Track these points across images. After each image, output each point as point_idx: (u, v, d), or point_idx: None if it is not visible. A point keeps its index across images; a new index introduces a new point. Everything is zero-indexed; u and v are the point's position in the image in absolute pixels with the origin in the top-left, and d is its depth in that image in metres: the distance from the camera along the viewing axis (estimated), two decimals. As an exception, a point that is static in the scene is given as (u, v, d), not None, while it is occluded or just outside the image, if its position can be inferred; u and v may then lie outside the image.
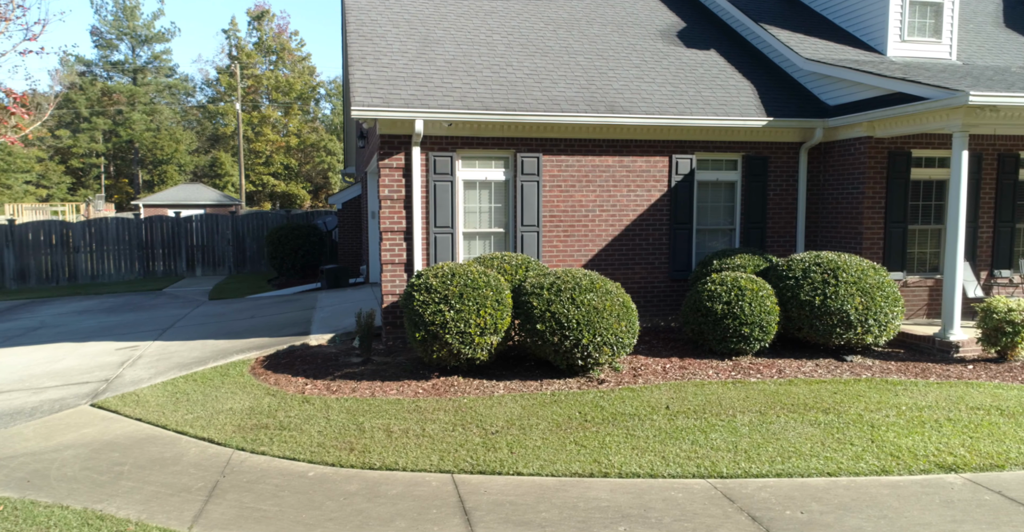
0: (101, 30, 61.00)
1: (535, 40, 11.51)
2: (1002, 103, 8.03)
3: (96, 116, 60.68)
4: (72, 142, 59.33)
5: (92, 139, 60.45)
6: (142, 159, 62.37)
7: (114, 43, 61.28)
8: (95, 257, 21.29)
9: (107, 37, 60.97)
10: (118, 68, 62.01)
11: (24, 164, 54.38)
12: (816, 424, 6.09)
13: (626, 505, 4.64)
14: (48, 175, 58.11)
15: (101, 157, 62.46)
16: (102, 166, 63.63)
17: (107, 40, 61.07)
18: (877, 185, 9.92)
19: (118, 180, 64.61)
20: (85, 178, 63.26)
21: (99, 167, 63.25)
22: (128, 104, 60.37)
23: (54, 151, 60.68)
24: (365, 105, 8.80)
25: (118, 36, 61.35)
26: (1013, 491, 4.75)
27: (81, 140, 59.30)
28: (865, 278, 8.28)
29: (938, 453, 5.37)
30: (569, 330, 7.47)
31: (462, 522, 4.43)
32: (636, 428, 6.09)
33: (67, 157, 60.62)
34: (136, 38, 61.99)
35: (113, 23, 60.81)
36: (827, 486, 4.89)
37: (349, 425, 6.29)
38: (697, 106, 10.17)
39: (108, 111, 60.78)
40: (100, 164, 63.15)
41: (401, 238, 9.39)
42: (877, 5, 11.39)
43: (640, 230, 10.28)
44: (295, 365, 8.58)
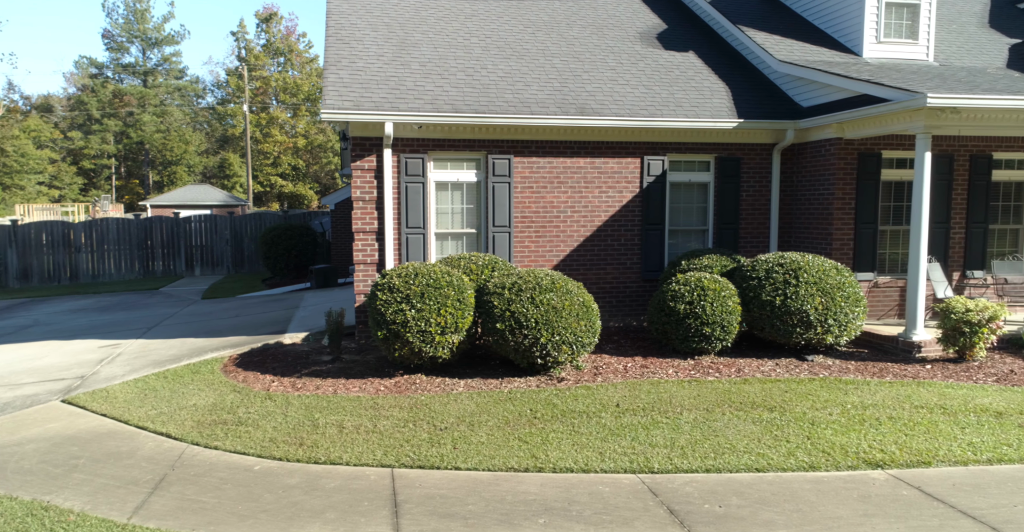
0: (112, 33, 61.80)
1: (512, 43, 11.65)
2: (962, 105, 8.08)
3: (107, 118, 61.50)
4: (84, 143, 60.18)
5: (103, 140, 61.26)
6: (152, 160, 63.13)
7: (125, 46, 62.09)
8: (96, 257, 21.65)
9: (118, 40, 61.78)
10: (129, 70, 62.81)
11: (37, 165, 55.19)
12: (758, 422, 6.19)
13: (552, 498, 4.78)
14: (60, 176, 58.94)
15: (112, 158, 63.28)
16: (113, 167, 64.45)
17: (118, 43, 61.90)
18: (847, 186, 9.98)
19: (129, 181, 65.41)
20: (97, 179, 64.13)
21: (110, 168, 64.08)
22: (139, 106, 61.13)
23: (66, 152, 61.57)
24: (336, 108, 8.98)
25: (129, 39, 62.14)
26: (932, 487, 4.84)
27: (93, 141, 60.12)
28: (826, 279, 8.35)
29: (869, 450, 5.46)
30: (528, 329, 7.61)
31: (389, 514, 4.58)
32: (582, 425, 6.22)
33: (79, 158, 61.48)
34: (147, 41, 62.75)
35: (124, 26, 61.59)
36: (752, 481, 5.00)
37: (304, 421, 6.47)
38: (669, 108, 10.27)
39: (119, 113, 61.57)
40: (111, 165, 63.97)
41: (373, 238, 9.56)
42: (853, 7, 11.44)
43: (612, 231, 10.39)
44: (266, 363, 8.78)
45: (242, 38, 62.67)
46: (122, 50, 63.02)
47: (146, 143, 61.78)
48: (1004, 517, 4.38)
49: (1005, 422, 6.04)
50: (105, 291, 18.61)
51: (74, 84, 66.85)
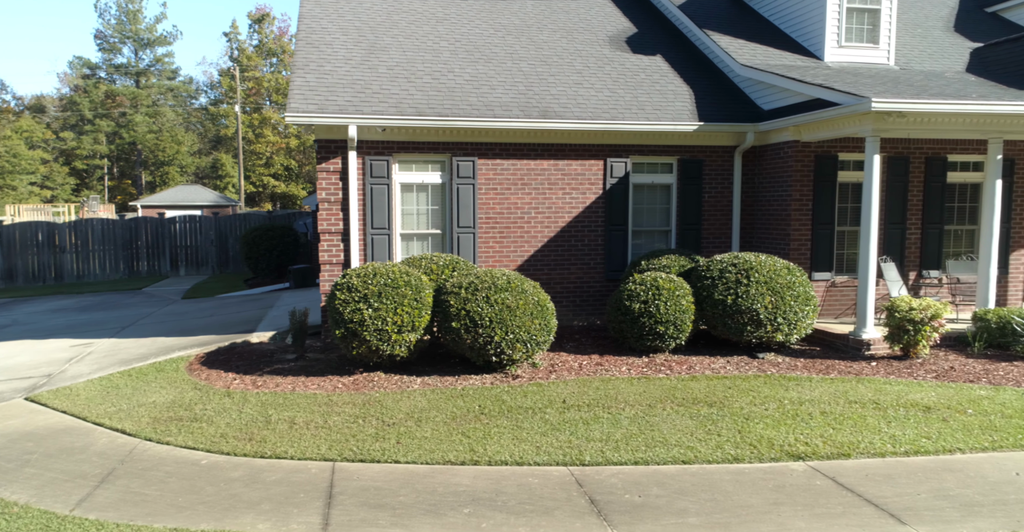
0: (105, 33, 61.86)
1: (482, 46, 11.84)
2: (908, 109, 8.30)
3: (100, 118, 61.55)
4: (76, 144, 60.25)
5: (96, 141, 61.32)
6: (144, 161, 63.18)
7: (118, 46, 62.14)
8: (81, 257, 21.78)
9: (111, 40, 61.84)
10: (121, 71, 62.85)
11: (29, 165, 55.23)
12: (696, 417, 6.39)
13: (482, 490, 4.97)
14: (52, 176, 58.99)
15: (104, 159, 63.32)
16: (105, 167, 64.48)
17: (111, 43, 61.95)
18: (804, 188, 10.20)
19: (121, 181, 65.48)
20: (89, 179, 64.18)
21: (102, 168, 64.13)
22: (131, 106, 61.21)
23: (59, 153, 61.61)
24: (300, 111, 9.17)
25: (121, 39, 62.19)
26: (846, 477, 5.05)
27: (85, 142, 60.19)
28: (776, 278, 8.56)
29: (794, 443, 5.67)
30: (483, 328, 7.81)
31: (322, 505, 4.77)
32: (526, 420, 6.41)
33: (71, 159, 61.55)
34: (139, 41, 62.79)
35: (116, 27, 61.65)
36: (677, 473, 5.20)
37: (258, 417, 6.65)
38: (631, 111, 10.47)
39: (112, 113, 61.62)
40: (103, 165, 64.02)
41: (339, 239, 9.75)
42: (815, 11, 11.66)
43: (576, 231, 10.60)
44: (231, 361, 8.96)
45: (235, 39, 62.78)
46: (115, 51, 63.06)
47: (138, 143, 61.85)
48: (905, 505, 4.58)
49: (931, 416, 6.26)
50: (88, 291, 18.74)
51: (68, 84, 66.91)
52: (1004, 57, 11.82)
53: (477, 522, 4.47)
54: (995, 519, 4.36)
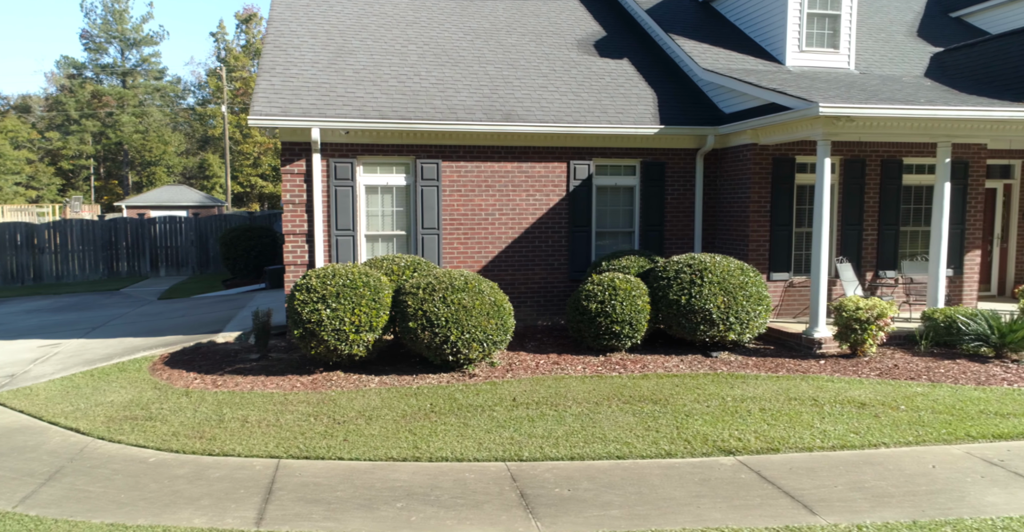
0: (91, 33, 61.61)
1: (450, 50, 11.99)
2: (856, 114, 8.50)
3: (86, 118, 61.28)
4: (62, 144, 59.97)
5: (82, 141, 61.06)
6: (131, 161, 62.95)
7: (104, 46, 61.88)
8: (60, 258, 21.77)
9: (97, 40, 61.59)
10: (107, 71, 62.60)
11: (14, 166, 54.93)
12: (639, 414, 6.57)
13: (418, 485, 5.12)
14: (38, 176, 58.69)
15: (91, 159, 63.05)
16: (92, 168, 64.21)
17: (97, 43, 61.69)
18: (762, 190, 10.40)
19: (108, 181, 65.20)
20: (75, 180, 63.89)
21: (89, 169, 63.85)
22: (118, 106, 60.97)
23: (44, 153, 61.30)
24: (263, 114, 9.29)
25: (107, 39, 61.93)
26: (770, 471, 5.23)
27: (71, 142, 59.93)
28: (729, 279, 8.76)
29: (728, 438, 5.85)
30: (439, 328, 7.96)
31: (260, 500, 4.90)
32: (473, 418, 6.57)
33: (57, 159, 61.26)
34: (125, 41, 62.56)
35: (102, 26, 61.40)
36: (609, 468, 5.37)
37: (212, 416, 6.77)
38: (594, 114, 10.65)
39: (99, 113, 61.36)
40: (90, 166, 63.74)
41: (303, 240, 9.87)
42: (776, 17, 11.88)
43: (539, 233, 10.76)
44: (195, 361, 9.07)
45: (222, 39, 62.66)
46: (101, 50, 62.81)
47: (125, 144, 61.63)
48: (820, 496, 4.77)
49: (864, 412, 6.45)
50: (66, 292, 18.76)
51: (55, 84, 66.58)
52: (962, 62, 12.08)
53: (407, 516, 4.62)
54: (902, 509, 4.55)
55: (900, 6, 15.53)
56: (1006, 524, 4.26)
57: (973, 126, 9.13)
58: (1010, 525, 4.24)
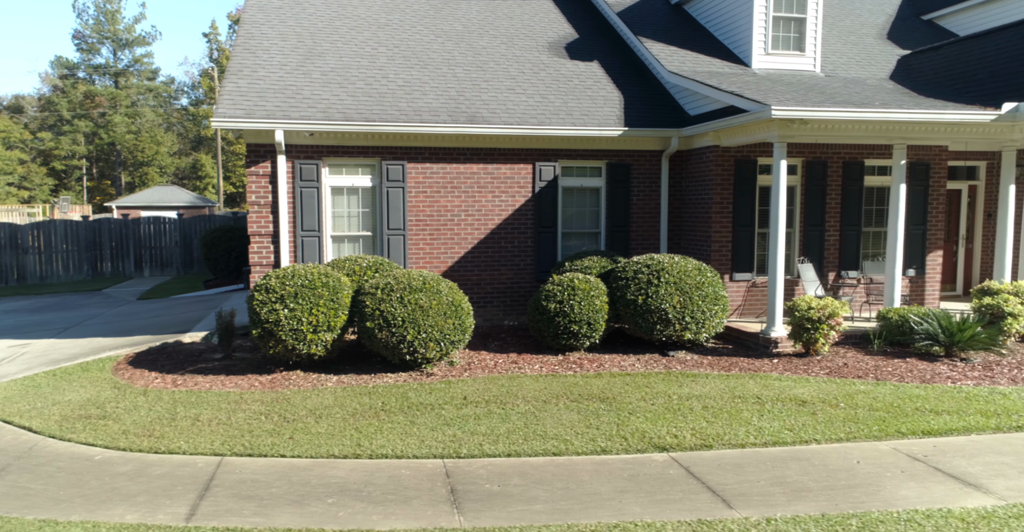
0: (83, 34, 61.60)
1: (420, 52, 12.09)
2: (809, 116, 8.63)
3: (78, 119, 61.26)
4: (54, 144, 59.96)
5: (74, 141, 61.06)
6: (124, 161, 62.96)
7: (96, 47, 61.89)
8: (44, 258, 21.82)
9: (89, 41, 61.59)
10: (100, 71, 62.61)
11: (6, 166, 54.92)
12: (584, 412, 6.68)
13: (354, 481, 5.23)
14: (30, 177, 58.67)
15: (83, 159, 63.04)
16: (84, 168, 64.19)
17: (89, 44, 61.69)
18: (725, 191, 10.52)
19: (101, 182, 65.17)
20: (67, 180, 63.87)
21: (81, 169, 63.85)
22: (110, 107, 60.96)
23: (37, 153, 61.27)
24: (227, 117, 9.38)
25: (99, 40, 61.93)
26: (699, 467, 5.35)
27: (63, 142, 59.92)
28: (685, 279, 8.88)
29: (665, 436, 5.96)
30: (395, 327, 8.06)
31: (195, 497, 5.00)
32: (421, 416, 6.68)
33: (49, 159, 61.24)
34: (117, 42, 62.55)
35: (95, 27, 61.40)
36: (543, 464, 5.48)
37: (165, 415, 6.87)
38: (559, 116, 10.76)
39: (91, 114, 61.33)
40: (82, 166, 63.73)
41: (269, 241, 9.97)
42: (743, 19, 12.00)
43: (506, 233, 10.87)
44: (158, 361, 9.16)
45: (214, 39, 62.65)
46: (93, 51, 62.80)
47: (117, 144, 61.62)
48: (741, 491, 4.88)
49: (803, 410, 6.58)
50: (48, 292, 18.82)
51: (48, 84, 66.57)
52: (926, 65, 12.23)
53: (336, 511, 4.73)
54: (816, 503, 4.67)
55: (872, 9, 15.68)
56: (910, 516, 4.38)
57: (927, 128, 9.26)
58: (913, 517, 4.37)
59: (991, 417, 6.26)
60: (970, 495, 4.73)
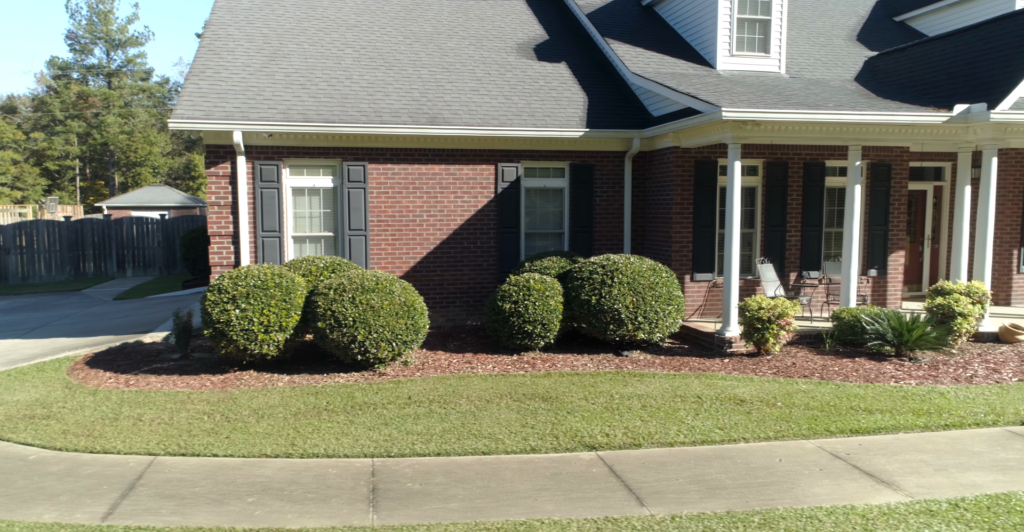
0: (76, 34, 61.59)
1: (387, 53, 12.14)
2: (761, 118, 8.68)
3: (71, 119, 61.24)
4: (47, 144, 59.95)
5: (67, 142, 61.05)
6: (117, 162, 62.94)
7: (89, 47, 61.87)
8: (26, 258, 21.87)
9: (82, 41, 61.57)
10: (93, 72, 62.57)
11: (-1, 166, 54.93)
12: (523, 411, 6.73)
13: (279, 480, 5.27)
14: (23, 177, 58.66)
15: (76, 159, 63.04)
16: (77, 168, 64.19)
17: (83, 44, 61.67)
18: (685, 192, 10.58)
19: (94, 182, 65.16)
20: (60, 180, 63.86)
21: (74, 169, 63.85)
22: (103, 107, 60.95)
23: (30, 153, 61.26)
24: (185, 118, 9.42)
25: (92, 40, 61.92)
26: (623, 465, 5.39)
27: (56, 143, 59.91)
28: (639, 279, 8.93)
29: (597, 434, 6.01)
30: (346, 327, 8.11)
31: (119, 496, 5.04)
32: (362, 416, 6.72)
33: (42, 159, 61.21)
34: (110, 42, 62.52)
35: (87, 27, 61.38)
36: (471, 463, 5.53)
37: (109, 414, 6.91)
38: (521, 117, 10.81)
39: (84, 114, 61.31)
40: (75, 166, 63.73)
41: (229, 242, 10.01)
42: (708, 21, 12.06)
43: (468, 234, 10.92)
44: (116, 361, 9.20)
45: (207, 39, 62.47)
46: (86, 51, 62.77)
47: (111, 144, 61.60)
48: (657, 489, 4.93)
49: (739, 409, 6.63)
50: (28, 292, 18.83)
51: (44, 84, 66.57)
52: (891, 66, 12.29)
53: (253, 510, 4.77)
54: (728, 500, 4.71)
55: (845, 10, 15.74)
56: (813, 513, 4.43)
57: (881, 130, 9.32)
58: (816, 514, 4.41)
59: (922, 416, 6.31)
60: (880, 492, 4.78)
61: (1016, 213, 11.99)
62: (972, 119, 9.15)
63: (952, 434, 5.92)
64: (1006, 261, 12.01)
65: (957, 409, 6.51)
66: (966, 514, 4.36)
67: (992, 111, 8.90)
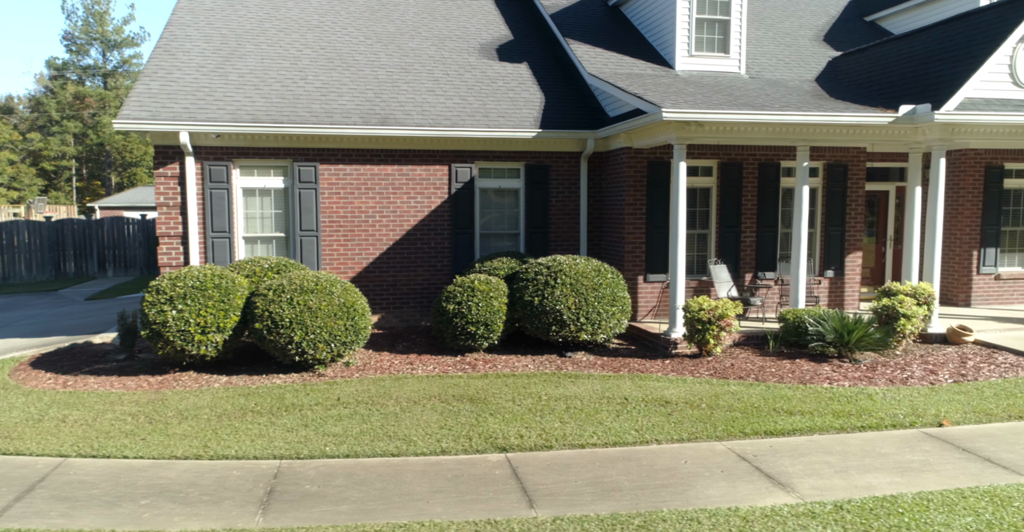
0: (73, 35, 61.73)
1: (346, 54, 12.12)
2: (703, 118, 8.65)
3: (68, 119, 61.36)
4: (43, 145, 60.10)
5: (63, 142, 61.18)
6: (113, 162, 63.07)
7: (85, 48, 62.00)
8: (7, 259, 21.88)
9: (79, 42, 61.72)
10: (89, 72, 62.67)
11: (-5, 167, 55.10)
12: (447, 412, 6.70)
13: (179, 482, 5.25)
14: (20, 177, 58.82)
15: (73, 160, 63.19)
16: (73, 169, 64.34)
17: (79, 45, 61.81)
18: (638, 193, 10.55)
19: (91, 182, 65.26)
20: (57, 180, 64.02)
21: (71, 170, 64.00)
22: (100, 108, 61.07)
23: (26, 154, 61.43)
24: (130, 118, 9.42)
25: (88, 41, 62.05)
26: (527, 467, 5.36)
27: (52, 143, 60.05)
28: (582, 280, 8.90)
29: (511, 436, 5.98)
30: (283, 328, 8.09)
31: (13, 498, 5.02)
32: (285, 417, 6.70)
33: (39, 160, 61.38)
34: (106, 43, 62.60)
35: (83, 28, 61.51)
36: (377, 465, 5.51)
37: (34, 416, 6.89)
38: (475, 118, 10.79)
39: (81, 114, 61.44)
40: (71, 166, 63.88)
41: (178, 242, 10.00)
42: (667, 21, 12.03)
43: (422, 235, 10.90)
44: (61, 362, 9.19)
45: (202, 40, 62.56)
46: (82, 52, 62.90)
47: (107, 145, 61.71)
48: (552, 491, 4.90)
49: (662, 410, 6.59)
50: (5, 293, 18.86)
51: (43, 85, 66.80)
52: (852, 67, 12.25)
53: (142, 512, 4.75)
54: (619, 502, 4.67)
55: (816, 10, 15.70)
56: (695, 515, 4.40)
57: (827, 131, 9.29)
58: (698, 516, 4.38)
59: (841, 417, 6.27)
60: (772, 494, 4.74)
61: (975, 214, 11.94)
62: (918, 120, 9.11)
63: (866, 436, 5.89)
64: (966, 262, 11.96)
65: (879, 411, 6.48)
66: (846, 516, 4.33)
67: (936, 112, 8.86)
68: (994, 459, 5.32)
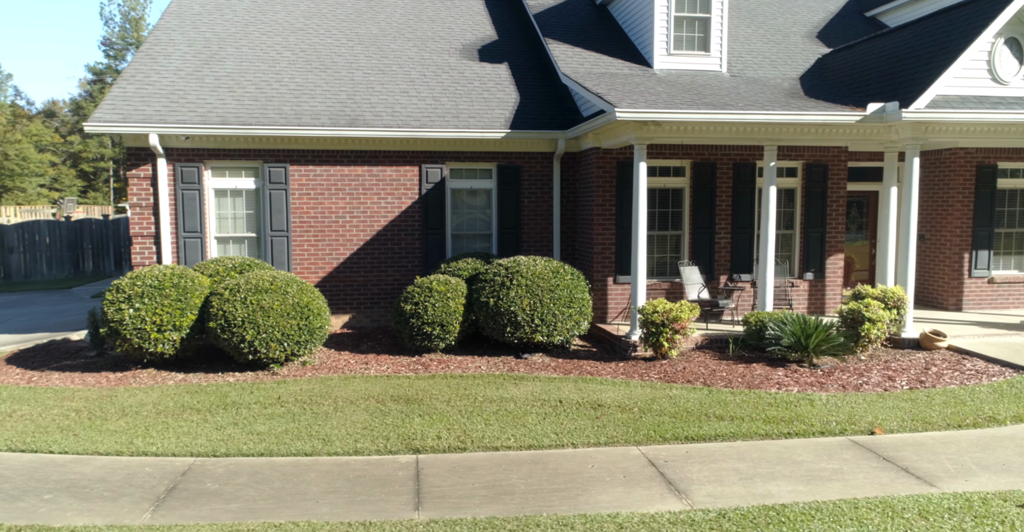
0: (111, 41, 63.71)
1: (324, 56, 12.24)
2: (661, 118, 8.52)
3: (104, 122, 63.12)
4: (83, 147, 62.14)
5: (101, 144, 63.16)
6: (146, 164, 64.83)
7: (122, 53, 63.88)
8: (28, 257, 22.68)
9: (116, 47, 63.65)
10: (125, 77, 64.49)
11: (37, 168, 57.09)
12: (378, 413, 6.71)
13: (90, 478, 5.35)
14: (61, 178, 60.89)
15: (110, 161, 65.18)
16: (110, 170, 66.33)
17: (116, 50, 63.74)
18: (607, 193, 10.42)
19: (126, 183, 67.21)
20: (95, 181, 66.11)
21: (108, 171, 66.03)
22: (134, 111, 62.86)
23: (67, 155, 63.59)
24: (101, 121, 9.65)
25: (125, 46, 63.91)
26: (433, 468, 5.33)
27: (91, 145, 62.04)
28: (538, 282, 8.83)
29: (430, 437, 5.96)
30: (236, 327, 8.20)
31: (-69, 487, 5.19)
32: (220, 415, 6.78)
33: (78, 161, 63.50)
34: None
35: (120, 34, 63.41)
36: (286, 464, 5.53)
37: (-15, 409, 7.11)
38: (446, 119, 10.79)
39: (116, 118, 63.22)
40: (109, 168, 65.90)
41: (151, 242, 10.21)
42: (646, 20, 11.87)
43: (392, 235, 10.94)
44: (34, 358, 9.46)
45: (233, 44, 63.94)
46: (120, 57, 64.75)
47: (139, 147, 63.32)
48: (445, 493, 4.86)
49: (590, 413, 6.49)
50: (21, 290, 19.51)
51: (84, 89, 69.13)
52: (839, 64, 11.93)
53: (38, 507, 4.85)
54: (506, 506, 4.61)
55: (814, 6, 15.33)
56: (571, 521, 4.31)
57: (794, 130, 9.06)
58: (573, 522, 4.30)
59: (771, 424, 6.10)
60: (664, 500, 4.63)
61: (966, 215, 11.51)
62: (887, 119, 8.82)
63: (789, 443, 5.71)
64: (956, 265, 11.54)
65: (813, 418, 6.28)
66: (725, 524, 4.20)
67: (904, 110, 8.56)
68: (911, 469, 5.12)
